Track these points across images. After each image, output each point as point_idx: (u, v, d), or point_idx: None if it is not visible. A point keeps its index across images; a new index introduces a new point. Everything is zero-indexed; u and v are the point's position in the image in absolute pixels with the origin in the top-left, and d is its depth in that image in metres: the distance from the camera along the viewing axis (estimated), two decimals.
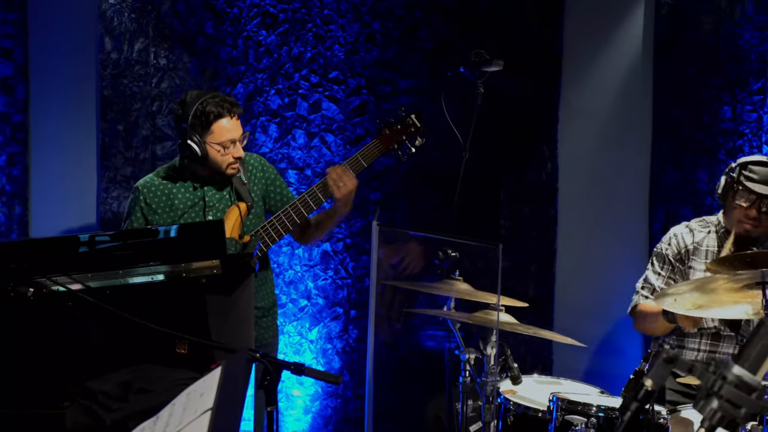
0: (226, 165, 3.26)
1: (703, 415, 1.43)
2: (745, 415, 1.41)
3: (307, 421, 4.42)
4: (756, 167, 3.41)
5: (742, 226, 3.44)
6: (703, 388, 1.44)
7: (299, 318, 4.42)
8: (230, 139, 3.24)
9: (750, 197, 3.39)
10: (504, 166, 4.62)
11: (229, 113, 3.24)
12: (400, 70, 4.49)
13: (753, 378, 1.41)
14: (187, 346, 2.50)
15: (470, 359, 3.31)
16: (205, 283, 2.50)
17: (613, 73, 4.60)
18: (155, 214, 3.32)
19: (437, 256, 3.63)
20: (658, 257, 3.67)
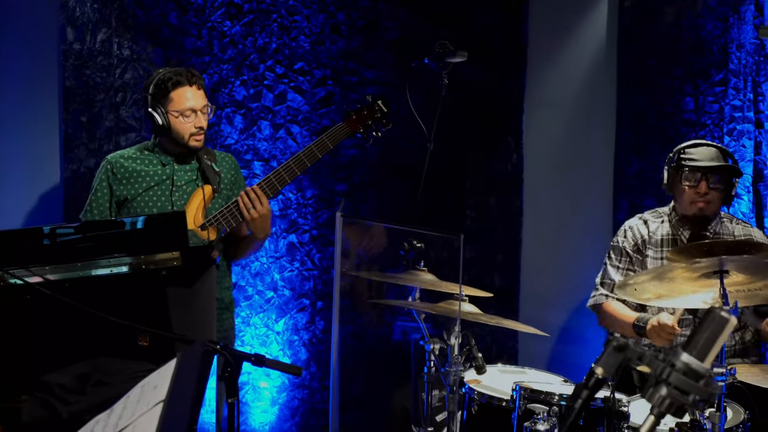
0: (189, 135, 3.35)
1: (653, 403, 1.45)
2: (693, 401, 1.43)
3: (274, 413, 4.42)
4: (692, 149, 3.56)
5: (695, 206, 3.53)
6: (652, 375, 1.46)
7: (265, 310, 4.41)
8: (190, 107, 3.32)
9: (696, 175, 3.48)
10: (469, 157, 4.64)
11: (188, 82, 3.34)
12: (366, 61, 4.48)
13: (701, 365, 1.43)
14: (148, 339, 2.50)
15: (435, 349, 3.32)
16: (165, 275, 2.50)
17: (578, 64, 4.63)
18: (120, 184, 3.39)
19: (402, 247, 3.64)
20: (615, 250, 3.73)
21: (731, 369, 2.75)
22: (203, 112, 3.37)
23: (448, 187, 4.58)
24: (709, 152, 3.53)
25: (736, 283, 2.82)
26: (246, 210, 3.34)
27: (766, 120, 4.33)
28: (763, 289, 2.86)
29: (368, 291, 4.42)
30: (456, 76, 3.99)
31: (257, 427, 4.40)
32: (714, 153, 3.53)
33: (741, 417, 2.96)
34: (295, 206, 4.45)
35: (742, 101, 4.35)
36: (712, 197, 3.52)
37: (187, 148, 3.39)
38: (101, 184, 3.42)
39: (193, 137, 3.36)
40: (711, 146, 3.57)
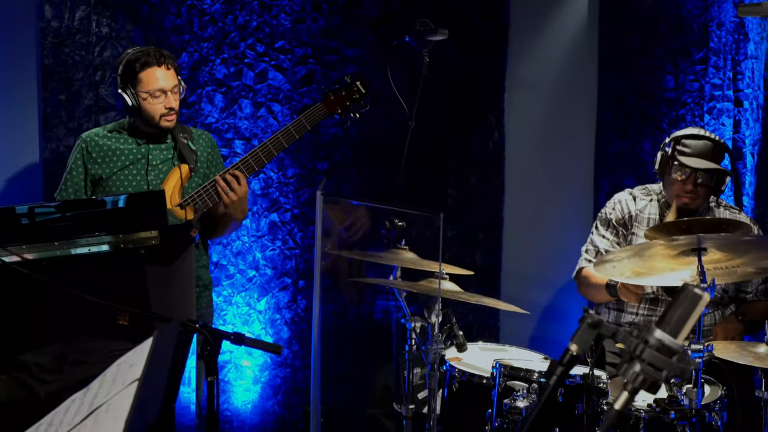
0: (159, 115, 3.34)
1: (626, 379, 1.47)
2: (667, 377, 1.44)
3: (257, 391, 4.43)
4: (689, 141, 3.47)
5: (680, 200, 3.52)
6: (626, 352, 1.47)
7: (247, 288, 4.41)
8: (159, 88, 3.31)
9: (685, 171, 3.45)
10: (451, 136, 4.64)
11: (156, 62, 3.32)
12: (347, 39, 4.46)
13: (674, 341, 1.44)
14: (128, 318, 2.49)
15: (416, 328, 3.33)
16: (144, 254, 2.49)
17: (559, 43, 4.62)
18: (95, 163, 3.38)
19: (384, 226, 3.64)
20: (603, 221, 3.73)
21: (708, 346, 2.77)
22: (174, 92, 3.34)
23: (430, 166, 4.58)
24: (704, 147, 3.46)
25: (713, 260, 2.84)
26: (225, 193, 3.33)
27: (746, 99, 4.35)
28: (741, 267, 2.89)
29: (350, 270, 4.43)
30: (437, 55, 3.98)
31: (239, 405, 4.41)
32: (709, 149, 3.46)
33: (718, 393, 3.00)
34: (277, 185, 4.44)
35: (721, 80, 4.36)
36: (699, 194, 3.49)
37: (158, 128, 3.37)
38: (76, 162, 3.40)
39: (164, 118, 3.34)
40: (708, 140, 3.49)
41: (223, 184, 3.34)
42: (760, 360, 2.88)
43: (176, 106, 3.35)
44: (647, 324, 1.49)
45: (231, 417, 4.40)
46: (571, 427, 2.94)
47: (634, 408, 2.89)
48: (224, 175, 3.35)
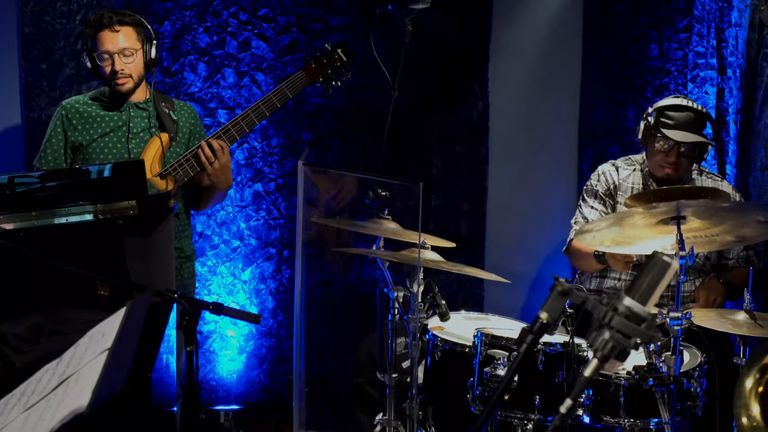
0: (110, 77, 3.30)
1: (596, 346, 1.47)
2: (635, 344, 1.45)
3: (242, 361, 4.44)
4: (672, 113, 3.47)
5: (663, 170, 3.53)
6: (595, 319, 1.47)
7: (232, 259, 4.41)
8: (104, 50, 3.30)
9: (668, 142, 3.46)
10: (435, 105, 4.62)
11: (103, 25, 3.28)
12: (330, 7, 4.43)
13: (643, 309, 1.45)
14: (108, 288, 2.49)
15: (399, 297, 3.34)
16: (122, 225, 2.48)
17: (543, 11, 4.60)
18: (75, 130, 3.37)
19: (367, 196, 3.64)
20: (589, 192, 3.74)
21: (687, 313, 2.79)
22: (125, 54, 3.29)
23: (414, 136, 4.57)
24: (687, 118, 3.46)
25: (693, 228, 2.85)
26: (208, 162, 3.31)
27: (729, 67, 4.34)
28: (720, 235, 2.89)
29: (335, 239, 4.42)
30: (421, 24, 3.95)
31: (225, 375, 4.43)
32: (692, 120, 3.46)
33: (698, 360, 3.01)
34: (261, 155, 4.43)
35: (705, 48, 4.35)
36: (682, 164, 3.51)
37: (115, 93, 3.35)
38: (56, 130, 3.38)
39: (115, 80, 3.31)
40: (691, 110, 3.48)
41: (208, 152, 3.32)
42: (738, 327, 2.90)
43: (126, 69, 3.30)
44: (617, 292, 1.50)
45: (216, 387, 4.42)
46: (551, 396, 2.95)
47: (614, 375, 2.91)
48: (207, 144, 3.33)
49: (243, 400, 4.44)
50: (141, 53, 3.32)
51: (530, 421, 2.93)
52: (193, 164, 3.34)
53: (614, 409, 2.90)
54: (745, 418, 1.73)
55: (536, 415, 2.92)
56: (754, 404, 1.70)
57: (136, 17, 3.35)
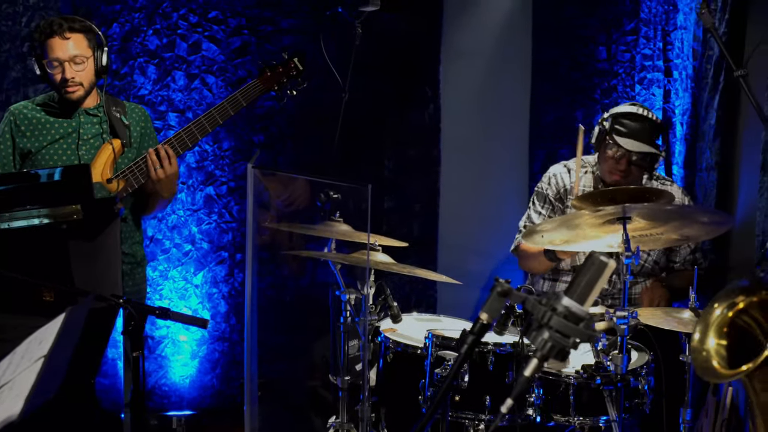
0: (59, 85, 3.25)
1: (535, 346, 1.49)
2: (574, 343, 1.47)
3: (195, 366, 4.41)
4: (626, 120, 3.48)
5: (612, 176, 3.56)
6: (535, 319, 1.49)
7: (183, 263, 4.38)
8: (54, 58, 3.23)
9: (620, 150, 3.48)
10: (387, 107, 4.63)
11: (53, 32, 3.22)
12: (281, 9, 4.41)
13: (581, 308, 1.46)
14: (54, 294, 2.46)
15: (350, 299, 3.34)
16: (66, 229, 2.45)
17: (494, 13, 4.63)
18: (24, 137, 3.30)
19: (319, 198, 3.63)
20: (539, 196, 3.76)
21: (633, 312, 2.82)
22: (76, 62, 3.24)
23: (366, 138, 4.57)
24: (640, 129, 3.47)
25: (638, 228, 2.88)
26: (153, 169, 3.28)
27: (675, 69, 4.41)
28: (665, 234, 2.94)
29: (287, 242, 4.41)
30: (372, 26, 3.96)
31: (177, 380, 4.39)
32: (645, 131, 3.47)
33: (645, 358, 3.05)
34: (212, 158, 4.40)
35: (652, 50, 4.41)
36: (632, 172, 3.52)
37: (64, 100, 3.30)
38: (4, 136, 3.32)
39: (65, 89, 3.26)
40: (644, 121, 3.50)
41: (154, 158, 3.29)
42: (683, 325, 2.94)
43: (77, 77, 3.25)
44: (555, 292, 1.51)
45: (169, 392, 4.39)
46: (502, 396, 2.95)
47: (564, 375, 2.94)
48: (155, 151, 3.30)
49: (196, 405, 4.41)
50: (92, 60, 3.27)
51: (481, 422, 2.95)
52: (144, 170, 3.31)
53: (564, 408, 2.92)
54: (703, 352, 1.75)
55: (487, 415, 2.93)
56: (712, 336, 1.73)
57: (87, 23, 3.29)
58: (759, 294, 1.67)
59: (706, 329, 1.73)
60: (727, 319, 1.67)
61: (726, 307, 1.68)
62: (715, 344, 1.79)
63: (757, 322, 1.64)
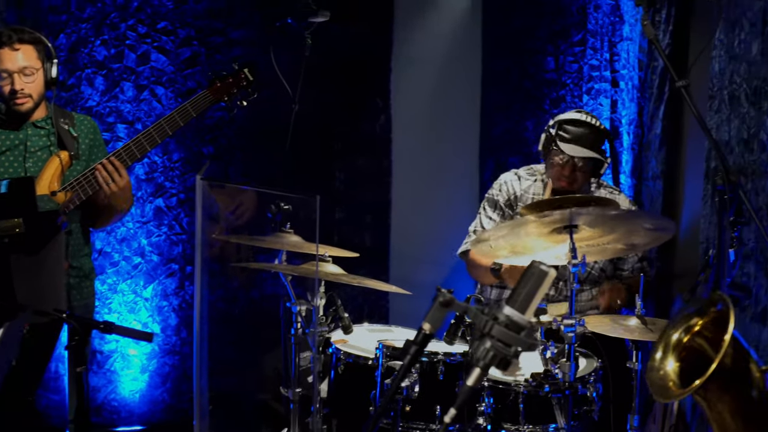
0: (8, 96, 3.21)
1: (478, 355, 1.49)
2: (515, 352, 1.48)
3: (144, 380, 4.36)
4: (569, 126, 3.53)
5: (559, 183, 3.60)
6: (477, 329, 1.49)
7: (133, 276, 4.33)
8: (6, 69, 3.19)
9: (564, 156, 3.53)
10: (338, 118, 4.63)
11: (9, 42, 3.19)
12: (231, 20, 4.40)
13: (522, 317, 1.47)
14: None
15: (301, 311, 3.32)
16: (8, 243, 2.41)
17: (444, 23, 4.67)
18: None
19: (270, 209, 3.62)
20: (490, 202, 3.79)
21: (580, 320, 2.85)
22: (25, 74, 3.20)
23: (317, 148, 4.57)
24: (582, 135, 3.51)
25: (585, 238, 2.91)
26: (105, 184, 3.24)
27: (622, 79, 4.47)
28: (611, 243, 2.97)
29: (238, 254, 4.38)
30: (322, 37, 3.96)
31: (127, 395, 4.33)
32: (587, 136, 3.51)
33: (594, 366, 3.08)
34: (162, 169, 4.36)
35: (599, 61, 4.47)
36: (578, 178, 3.57)
37: (12, 111, 3.26)
38: None
39: (13, 101, 3.22)
40: (588, 127, 3.54)
41: (104, 173, 3.25)
42: (630, 332, 2.97)
43: (28, 89, 3.21)
44: (497, 301, 1.52)
45: (118, 407, 4.33)
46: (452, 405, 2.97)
47: (514, 383, 2.95)
48: (104, 164, 3.25)
49: (146, 420, 4.35)
50: (41, 72, 3.23)
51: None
52: (92, 182, 3.26)
53: (514, 416, 2.93)
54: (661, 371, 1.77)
55: (438, 425, 2.94)
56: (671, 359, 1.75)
57: (36, 35, 3.25)
58: (709, 313, 1.70)
59: (666, 351, 1.75)
60: (683, 343, 1.71)
61: (682, 331, 1.71)
62: (673, 366, 1.81)
63: (708, 341, 1.67)
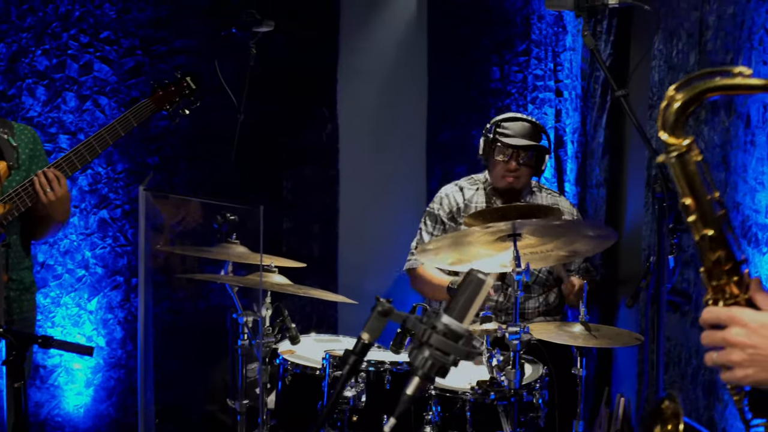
0: None
1: (416, 365, 1.49)
2: (454, 361, 1.48)
3: (89, 395, 4.29)
4: (508, 123, 3.64)
5: (505, 180, 3.65)
6: (415, 338, 1.50)
7: (77, 289, 4.26)
8: None
9: (507, 151, 3.60)
10: (284, 128, 4.61)
11: None
12: (176, 29, 4.36)
13: (460, 326, 1.48)
14: None
15: (248, 322, 3.30)
16: None
17: (390, 32, 4.69)
18: None
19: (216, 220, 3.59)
20: (431, 217, 3.81)
21: (525, 327, 2.87)
22: None
23: (264, 158, 4.55)
24: (522, 128, 3.62)
25: (529, 245, 2.94)
26: (42, 192, 3.18)
27: (565, 89, 4.53)
28: (554, 250, 3.00)
29: (184, 265, 4.34)
30: (268, 46, 3.95)
31: (71, 410, 4.26)
32: (528, 129, 3.62)
33: (539, 372, 3.11)
34: (106, 180, 4.30)
35: (543, 71, 4.53)
36: (522, 173, 3.64)
37: None
38: None
39: None
40: (526, 121, 3.64)
41: (42, 181, 3.19)
42: (574, 339, 3.00)
43: None
44: (435, 310, 1.52)
45: (62, 423, 4.25)
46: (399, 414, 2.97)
47: (460, 391, 2.96)
48: (43, 173, 3.20)
49: None
50: None
51: None
52: (31, 193, 3.20)
53: (461, 425, 2.95)
54: None
55: None
56: None
57: None
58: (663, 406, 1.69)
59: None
60: None
61: None
62: None
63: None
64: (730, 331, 1.46)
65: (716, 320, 1.48)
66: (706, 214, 1.50)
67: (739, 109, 2.93)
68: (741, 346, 1.44)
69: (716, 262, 1.49)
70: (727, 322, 1.47)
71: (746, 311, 1.47)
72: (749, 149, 2.86)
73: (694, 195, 1.50)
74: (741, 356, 1.44)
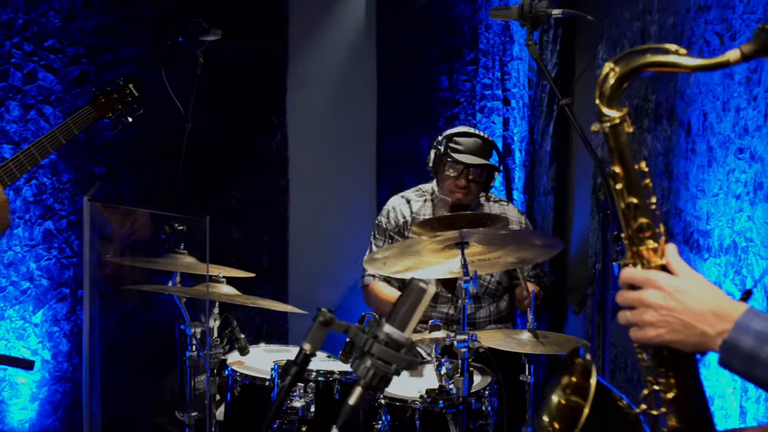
0: None
1: (359, 374, 1.49)
2: (396, 370, 1.48)
3: (34, 409, 4.20)
4: (460, 138, 3.63)
5: (454, 195, 3.65)
6: (357, 348, 1.49)
7: (21, 301, 4.18)
8: None
9: (458, 167, 3.60)
10: (233, 137, 4.59)
11: None
12: (121, 38, 4.31)
13: (401, 335, 1.48)
14: None
15: (196, 333, 3.28)
16: None
17: (339, 41, 4.70)
18: None
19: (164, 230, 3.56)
20: (379, 230, 3.82)
21: (472, 335, 2.88)
22: None
23: (212, 168, 4.52)
24: (474, 144, 3.60)
25: (476, 253, 2.96)
26: None
27: (513, 98, 4.57)
28: (502, 257, 3.02)
29: (132, 276, 4.29)
30: (215, 55, 3.93)
31: (16, 425, 4.17)
32: (479, 146, 3.61)
33: (488, 380, 3.12)
34: (51, 191, 4.23)
35: (491, 80, 4.56)
36: (471, 189, 3.64)
37: None
38: None
39: None
40: (477, 137, 3.63)
41: None
42: (522, 346, 3.02)
43: None
44: (377, 319, 1.52)
45: None
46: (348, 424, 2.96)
47: (410, 400, 2.97)
48: None
49: None
50: None
51: None
52: None
53: None
54: None
55: None
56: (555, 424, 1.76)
57: None
58: (575, 365, 1.73)
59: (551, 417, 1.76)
60: (561, 404, 1.73)
61: (560, 392, 1.74)
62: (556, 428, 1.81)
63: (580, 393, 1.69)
64: (646, 292, 1.52)
65: (633, 281, 1.55)
66: (633, 183, 1.55)
67: (680, 117, 2.98)
68: (655, 308, 1.51)
69: (638, 229, 1.56)
70: (643, 284, 1.53)
71: (662, 275, 1.53)
72: (690, 157, 2.91)
73: (623, 163, 1.55)
74: (654, 317, 1.50)
